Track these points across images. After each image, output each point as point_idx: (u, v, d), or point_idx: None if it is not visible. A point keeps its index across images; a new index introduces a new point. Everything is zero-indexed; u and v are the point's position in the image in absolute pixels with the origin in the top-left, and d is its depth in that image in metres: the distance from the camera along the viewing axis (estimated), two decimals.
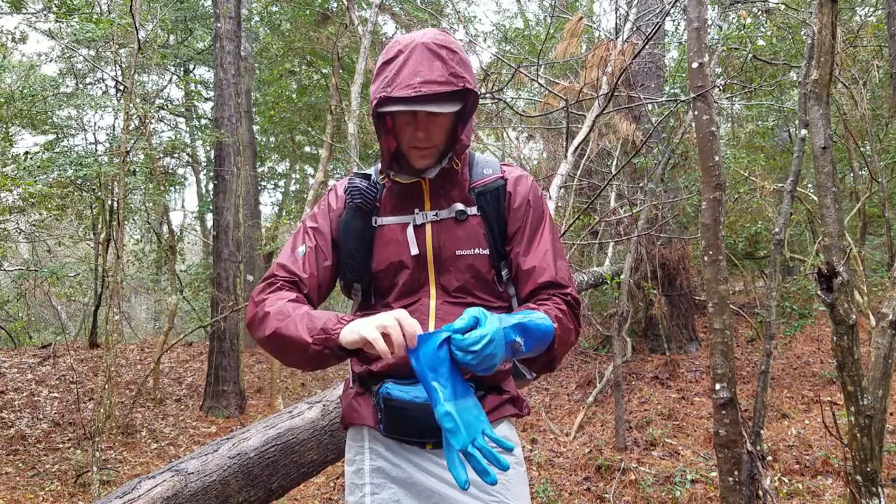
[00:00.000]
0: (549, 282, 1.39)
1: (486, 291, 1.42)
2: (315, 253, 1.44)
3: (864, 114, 6.96)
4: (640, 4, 6.83)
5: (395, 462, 1.38)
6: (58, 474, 6.03)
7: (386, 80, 1.29)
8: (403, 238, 1.41)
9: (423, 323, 1.36)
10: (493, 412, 1.39)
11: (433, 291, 1.40)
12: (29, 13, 9.28)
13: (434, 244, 1.40)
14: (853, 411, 2.55)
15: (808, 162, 7.32)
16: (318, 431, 2.30)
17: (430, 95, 1.27)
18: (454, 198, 1.43)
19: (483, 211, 1.43)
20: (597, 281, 6.74)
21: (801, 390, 6.62)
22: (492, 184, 1.45)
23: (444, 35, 1.35)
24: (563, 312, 1.35)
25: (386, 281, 1.42)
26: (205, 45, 13.35)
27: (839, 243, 2.69)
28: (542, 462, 5.75)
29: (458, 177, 1.45)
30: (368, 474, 1.40)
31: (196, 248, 19.91)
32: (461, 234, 1.40)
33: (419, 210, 1.42)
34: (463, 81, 1.29)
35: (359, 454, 1.43)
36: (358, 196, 1.43)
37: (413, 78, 1.26)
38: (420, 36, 1.32)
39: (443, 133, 1.38)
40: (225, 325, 8.64)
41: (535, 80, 4.98)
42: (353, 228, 1.43)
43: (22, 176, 7.03)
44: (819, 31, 2.70)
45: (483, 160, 1.50)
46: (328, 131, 10.30)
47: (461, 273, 1.40)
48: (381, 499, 1.38)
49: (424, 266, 1.40)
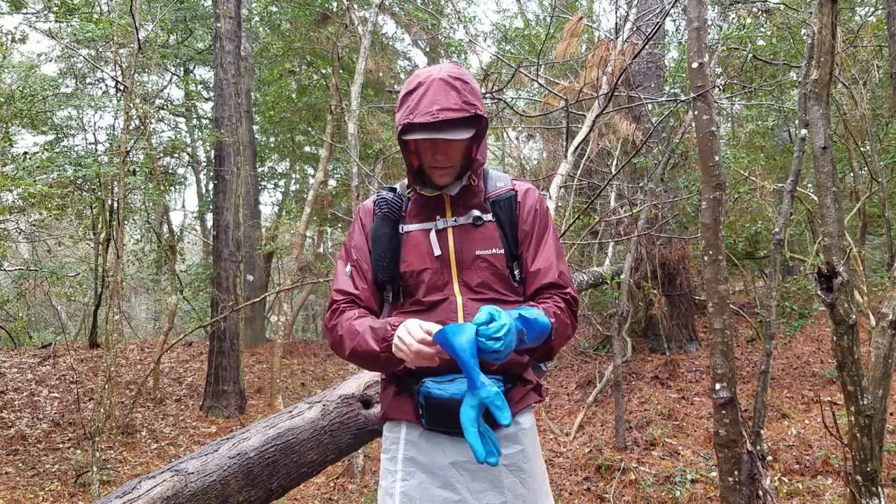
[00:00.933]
0: (552, 283, 1.59)
1: (503, 286, 1.60)
2: (359, 268, 1.64)
3: (864, 114, 6.96)
4: (640, 4, 6.83)
5: (429, 453, 1.55)
6: (58, 474, 6.03)
7: (409, 109, 1.49)
8: (427, 242, 1.60)
9: (452, 319, 1.53)
10: (520, 401, 1.59)
11: (457, 289, 1.57)
12: (29, 13, 9.28)
13: (455, 246, 1.59)
14: (853, 411, 2.55)
15: (808, 162, 7.32)
16: (318, 431, 2.30)
17: (446, 121, 1.46)
18: (471, 207, 1.63)
19: (498, 217, 1.63)
20: (597, 281, 6.73)
21: (801, 390, 6.62)
22: (504, 194, 1.66)
23: (458, 69, 1.55)
24: (562, 309, 1.55)
25: (412, 280, 1.59)
26: (205, 45, 13.35)
27: (839, 243, 2.69)
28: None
29: (475, 190, 1.65)
30: (401, 462, 1.57)
31: (196, 248, 19.92)
32: (479, 236, 1.60)
33: (440, 217, 1.62)
34: (474, 108, 1.50)
35: (394, 444, 1.60)
36: (385, 206, 1.64)
37: (432, 106, 1.46)
38: (437, 71, 1.52)
39: (459, 154, 1.57)
40: (225, 325, 8.64)
41: (535, 80, 4.99)
42: (382, 235, 1.62)
43: (22, 176, 7.03)
44: (819, 31, 2.70)
45: (496, 175, 1.71)
46: (328, 131, 10.31)
47: (481, 271, 1.58)
48: (409, 485, 1.54)
49: (447, 265, 1.59)
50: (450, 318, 1.52)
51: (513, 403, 1.57)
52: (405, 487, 1.54)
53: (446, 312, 1.54)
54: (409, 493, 1.53)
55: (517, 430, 1.59)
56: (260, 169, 15.65)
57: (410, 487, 1.53)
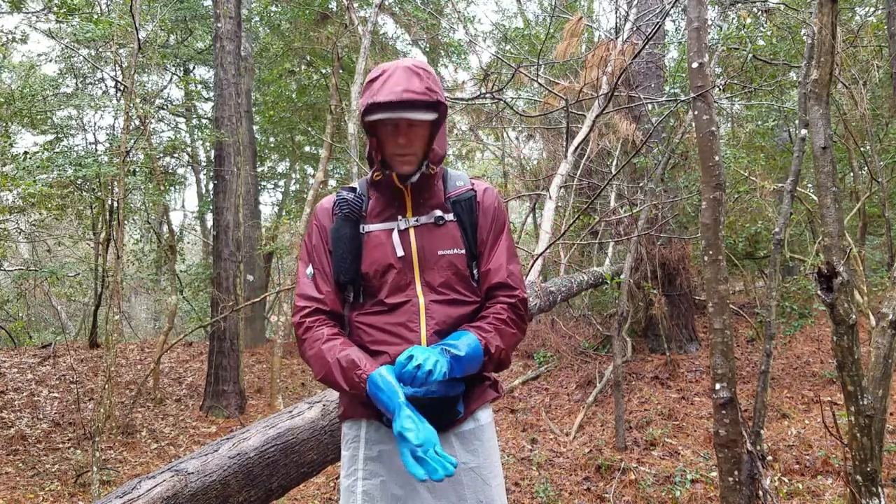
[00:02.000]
0: (501, 283, 1.63)
1: (463, 286, 1.62)
2: (322, 270, 1.64)
3: (864, 114, 6.96)
4: (640, 4, 6.83)
5: (390, 451, 1.56)
6: (58, 474, 6.03)
7: (372, 92, 1.52)
8: (389, 242, 1.60)
9: (415, 321, 1.56)
10: (478, 398, 1.63)
11: (419, 289, 1.58)
12: (29, 13, 9.28)
13: (418, 246, 1.60)
14: (853, 411, 2.55)
15: (808, 162, 7.32)
16: (318, 431, 2.30)
17: (409, 102, 1.48)
18: (432, 206, 1.64)
19: (458, 217, 1.65)
20: (597, 281, 6.73)
21: (801, 390, 6.62)
22: (465, 194, 1.68)
23: (421, 62, 1.60)
24: (502, 319, 1.58)
25: (375, 281, 1.59)
26: (205, 45, 13.34)
27: (839, 243, 2.69)
28: (542, 462, 5.75)
29: (434, 186, 1.66)
30: (362, 461, 1.59)
31: (196, 248, 19.91)
32: (440, 236, 1.61)
33: (402, 217, 1.63)
34: (436, 95, 1.53)
35: (354, 442, 1.62)
36: (346, 207, 1.63)
37: (395, 87, 1.49)
38: (401, 62, 1.57)
39: (422, 141, 1.58)
40: (225, 325, 8.63)
41: (535, 80, 4.99)
42: (343, 235, 1.62)
43: (22, 176, 7.02)
44: (819, 31, 2.70)
45: (455, 174, 1.73)
46: (328, 131, 10.30)
47: (443, 270, 1.60)
48: (371, 484, 1.57)
49: (410, 266, 1.59)
50: (411, 320, 1.55)
51: (472, 400, 1.61)
52: (366, 486, 1.56)
53: (408, 314, 1.55)
54: (370, 492, 1.55)
55: (475, 426, 1.62)
56: (260, 169, 15.65)
57: (372, 486, 1.56)
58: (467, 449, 1.59)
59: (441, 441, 1.52)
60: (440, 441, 1.51)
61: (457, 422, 1.58)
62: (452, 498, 1.55)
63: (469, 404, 1.60)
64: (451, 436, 1.58)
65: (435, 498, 1.54)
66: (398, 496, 1.54)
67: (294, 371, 11.09)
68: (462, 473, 1.57)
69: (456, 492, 1.56)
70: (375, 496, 1.55)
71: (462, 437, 1.59)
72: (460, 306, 1.59)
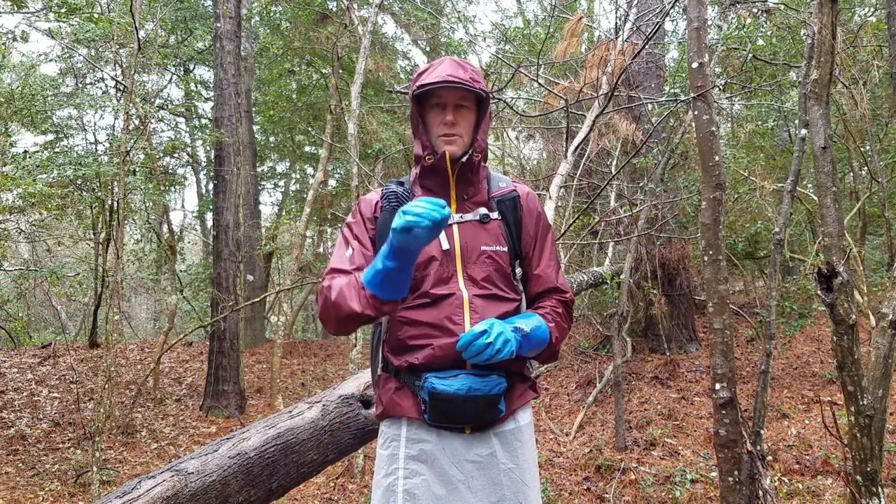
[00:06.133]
0: (553, 287, 1.71)
1: (504, 283, 1.66)
2: (360, 250, 1.67)
3: (864, 114, 6.96)
4: (640, 4, 6.83)
5: (432, 450, 1.57)
6: (58, 474, 6.03)
7: (421, 78, 1.62)
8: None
9: (459, 314, 1.58)
10: (520, 398, 1.64)
11: (462, 283, 1.61)
12: (29, 12, 9.27)
13: (462, 241, 1.64)
14: (853, 411, 2.55)
15: (808, 162, 7.32)
16: (318, 431, 2.29)
17: (456, 83, 1.57)
18: (477, 203, 1.70)
19: (503, 216, 1.70)
20: (597, 281, 6.73)
21: (801, 390, 6.61)
22: (508, 194, 1.74)
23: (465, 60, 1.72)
24: (559, 313, 1.67)
25: (419, 273, 1.61)
26: (205, 45, 13.34)
27: (839, 243, 2.69)
28: (542, 462, 5.75)
29: (479, 181, 1.72)
30: (403, 460, 1.58)
31: (196, 248, 19.92)
32: (485, 233, 1.66)
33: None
34: (480, 85, 1.62)
35: (394, 441, 1.61)
36: (395, 200, 1.68)
37: (443, 73, 1.59)
38: (447, 57, 1.68)
39: (467, 124, 1.65)
40: (225, 325, 8.63)
41: (535, 80, 4.98)
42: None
43: (22, 176, 7.02)
44: (819, 31, 2.70)
45: (497, 176, 1.79)
46: (328, 131, 10.30)
47: (486, 266, 1.63)
48: (412, 482, 1.55)
49: (452, 259, 1.63)
50: (455, 314, 1.56)
51: (513, 400, 1.61)
52: (408, 485, 1.54)
53: (451, 308, 1.57)
54: (412, 491, 1.54)
55: (515, 426, 1.62)
56: (260, 169, 15.65)
57: (413, 485, 1.54)
58: (507, 450, 1.59)
59: (481, 440, 1.56)
60: (480, 440, 1.56)
61: (497, 421, 1.58)
62: (493, 498, 1.55)
63: (510, 404, 1.60)
64: (492, 435, 1.58)
65: (476, 498, 1.54)
66: (439, 496, 1.54)
67: (294, 371, 11.09)
68: (501, 474, 1.57)
69: (496, 492, 1.56)
70: (417, 495, 1.54)
71: (502, 438, 1.59)
72: (502, 302, 1.62)
